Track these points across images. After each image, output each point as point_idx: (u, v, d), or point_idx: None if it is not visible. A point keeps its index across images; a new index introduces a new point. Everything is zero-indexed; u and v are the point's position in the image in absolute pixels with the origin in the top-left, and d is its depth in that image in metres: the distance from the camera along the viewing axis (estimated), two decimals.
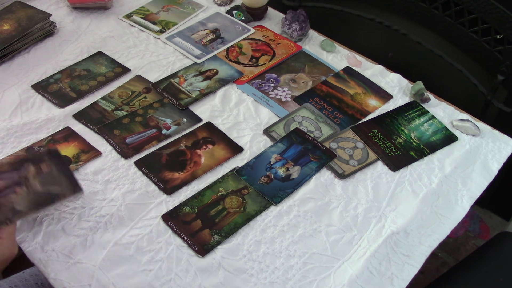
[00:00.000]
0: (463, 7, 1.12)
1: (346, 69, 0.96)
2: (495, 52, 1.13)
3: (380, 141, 0.83)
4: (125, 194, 0.72)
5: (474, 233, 1.48)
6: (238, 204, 0.72)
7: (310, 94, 0.90)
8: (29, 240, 0.66)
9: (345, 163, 0.79)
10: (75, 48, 0.96)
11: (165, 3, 1.09)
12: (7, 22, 0.96)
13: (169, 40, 1.00)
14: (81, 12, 1.05)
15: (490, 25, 1.10)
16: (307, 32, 1.03)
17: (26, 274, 0.79)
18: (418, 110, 0.89)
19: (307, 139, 0.82)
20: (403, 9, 1.24)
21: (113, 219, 0.69)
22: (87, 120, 0.82)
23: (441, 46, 1.23)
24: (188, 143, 0.80)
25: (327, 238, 0.69)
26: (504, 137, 0.86)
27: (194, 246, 0.66)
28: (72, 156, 0.76)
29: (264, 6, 1.06)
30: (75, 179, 0.65)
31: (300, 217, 0.71)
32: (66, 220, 0.68)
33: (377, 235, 0.70)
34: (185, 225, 0.68)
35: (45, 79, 0.89)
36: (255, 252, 0.67)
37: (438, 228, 0.72)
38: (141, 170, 0.75)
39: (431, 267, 1.38)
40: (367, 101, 0.90)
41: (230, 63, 0.96)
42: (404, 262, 0.68)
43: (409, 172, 0.79)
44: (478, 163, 0.81)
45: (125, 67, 0.93)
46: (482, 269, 0.84)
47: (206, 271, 0.64)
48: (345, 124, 0.86)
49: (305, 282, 0.64)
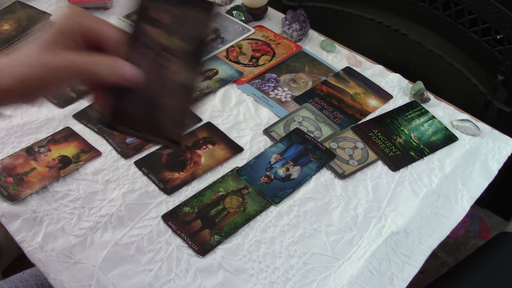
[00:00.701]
0: (463, 7, 1.12)
1: (346, 69, 0.96)
2: (495, 52, 1.13)
3: (380, 141, 0.83)
4: (125, 194, 0.72)
5: (474, 233, 1.48)
6: (238, 204, 0.72)
7: (310, 94, 0.90)
8: (29, 240, 0.66)
9: (345, 163, 0.79)
10: None
11: None
12: (7, 22, 0.96)
13: None
14: None
15: (490, 25, 1.10)
16: (307, 32, 1.03)
17: (26, 275, 0.79)
18: (418, 110, 0.89)
19: (307, 139, 0.82)
20: (403, 9, 1.24)
21: (113, 219, 0.69)
22: (87, 120, 0.82)
23: (441, 46, 1.23)
24: (188, 143, 0.80)
25: (327, 238, 0.69)
26: (504, 137, 0.86)
27: (194, 246, 0.66)
28: (72, 156, 0.76)
29: (264, 6, 1.06)
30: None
31: (300, 217, 0.71)
32: (66, 220, 0.68)
33: (377, 235, 0.70)
34: (185, 225, 0.68)
35: None
36: (255, 252, 0.67)
37: (438, 228, 0.72)
38: (141, 170, 0.75)
39: (431, 267, 1.38)
40: (367, 101, 0.90)
41: (230, 63, 0.96)
42: (404, 262, 0.68)
43: (409, 172, 0.79)
44: (478, 163, 0.81)
45: None
46: (482, 269, 0.84)
47: (206, 271, 0.64)
48: (345, 124, 0.86)
49: (305, 282, 0.64)
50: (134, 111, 0.45)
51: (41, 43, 0.43)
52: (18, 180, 0.72)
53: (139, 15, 0.47)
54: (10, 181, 0.72)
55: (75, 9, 0.45)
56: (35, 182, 0.72)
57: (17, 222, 0.68)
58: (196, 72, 0.46)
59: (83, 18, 0.45)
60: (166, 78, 0.46)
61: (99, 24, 0.45)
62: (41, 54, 0.43)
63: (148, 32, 0.46)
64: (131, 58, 0.45)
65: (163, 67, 0.46)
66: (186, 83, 0.46)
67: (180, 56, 0.46)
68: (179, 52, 0.46)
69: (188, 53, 0.46)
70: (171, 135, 0.46)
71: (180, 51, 0.46)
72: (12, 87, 0.42)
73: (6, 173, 0.73)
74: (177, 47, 0.46)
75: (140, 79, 0.45)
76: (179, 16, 0.47)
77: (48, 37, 0.43)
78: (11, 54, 0.43)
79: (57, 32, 0.44)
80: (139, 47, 0.46)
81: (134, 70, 0.45)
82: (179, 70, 0.46)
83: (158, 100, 0.46)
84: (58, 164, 0.75)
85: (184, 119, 0.46)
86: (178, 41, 0.46)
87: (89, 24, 0.45)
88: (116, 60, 0.45)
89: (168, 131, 0.46)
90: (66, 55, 0.44)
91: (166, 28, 0.46)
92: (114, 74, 0.44)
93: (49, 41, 0.43)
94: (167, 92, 0.46)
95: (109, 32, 0.45)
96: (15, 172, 0.73)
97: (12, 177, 0.72)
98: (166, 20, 0.46)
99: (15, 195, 0.70)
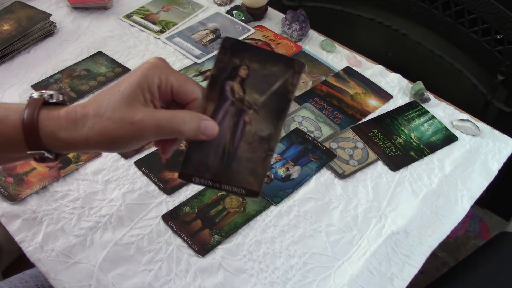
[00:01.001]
0: (463, 7, 1.12)
1: (346, 69, 0.96)
2: (495, 52, 1.13)
3: (380, 141, 0.83)
4: (125, 194, 0.72)
5: (474, 233, 1.48)
6: (238, 204, 0.72)
7: (310, 94, 0.90)
8: (29, 240, 0.66)
9: (345, 163, 0.79)
10: (75, 48, 0.96)
11: (165, 3, 1.09)
12: (7, 22, 0.96)
13: (169, 40, 1.00)
14: (81, 12, 1.05)
15: (490, 25, 1.10)
16: (307, 32, 1.03)
17: (26, 275, 0.79)
18: (418, 110, 0.89)
19: (307, 139, 0.82)
20: (403, 9, 1.24)
21: (113, 219, 0.69)
22: None
23: (441, 46, 1.23)
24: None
25: (327, 238, 0.69)
26: (504, 137, 0.86)
27: (194, 246, 0.66)
28: (72, 156, 0.76)
29: (264, 6, 1.06)
30: (284, 56, 0.49)
31: (300, 217, 0.71)
32: (66, 220, 0.68)
33: (377, 235, 0.70)
34: (185, 225, 0.68)
35: (45, 79, 0.89)
36: (255, 252, 0.67)
37: (438, 228, 0.72)
38: (141, 170, 0.75)
39: (431, 267, 1.38)
40: (367, 101, 0.90)
41: None
42: (404, 262, 0.68)
43: (409, 172, 0.79)
44: (478, 163, 0.81)
45: (125, 67, 0.93)
46: (482, 269, 0.84)
47: (206, 271, 0.64)
48: (345, 124, 0.86)
49: (305, 282, 0.64)
50: (212, 163, 0.46)
51: (122, 98, 0.43)
52: (18, 180, 0.72)
53: (221, 70, 0.47)
54: (10, 181, 0.72)
55: (156, 63, 0.44)
56: (35, 182, 0.72)
57: (17, 222, 0.68)
58: (278, 128, 0.47)
59: (164, 73, 0.44)
60: (246, 132, 0.47)
61: (180, 81, 0.45)
62: (122, 109, 0.42)
63: (231, 87, 0.47)
64: (212, 113, 0.46)
65: (244, 122, 0.47)
66: (266, 137, 0.47)
67: (261, 111, 0.47)
68: (261, 107, 0.47)
69: (271, 109, 0.47)
70: (248, 186, 0.47)
71: (262, 106, 0.47)
72: (96, 138, 0.42)
73: (6, 173, 0.73)
74: (259, 102, 0.47)
75: (219, 133, 0.46)
76: (265, 73, 0.47)
77: (129, 91, 0.43)
78: (97, 102, 0.43)
79: (137, 86, 0.43)
80: (221, 102, 0.47)
81: (215, 125, 0.45)
82: (259, 124, 0.47)
83: (236, 152, 0.47)
84: (58, 164, 0.75)
85: (262, 170, 0.47)
86: (261, 97, 0.47)
87: (171, 80, 0.44)
88: (196, 115, 0.44)
89: (245, 181, 0.47)
90: (147, 111, 0.43)
91: (250, 84, 0.47)
92: (194, 129, 0.44)
93: (130, 96, 0.43)
94: (246, 146, 0.47)
95: (190, 88, 0.45)
96: (15, 172, 0.73)
97: (12, 177, 0.72)
98: (249, 75, 0.47)
99: (15, 195, 0.70)
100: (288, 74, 0.47)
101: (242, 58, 0.47)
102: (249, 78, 0.47)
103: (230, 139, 0.47)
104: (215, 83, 0.47)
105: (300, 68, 0.47)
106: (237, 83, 0.47)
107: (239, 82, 0.47)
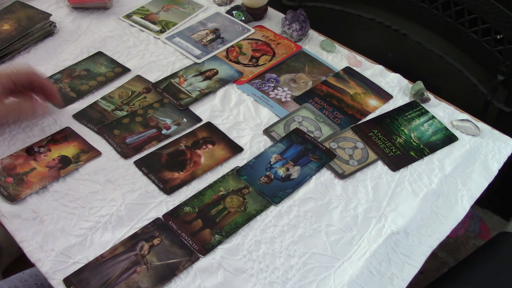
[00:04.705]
0: (463, 7, 1.12)
1: (346, 69, 0.96)
2: (495, 52, 1.13)
3: (380, 141, 0.83)
4: (125, 194, 0.72)
5: (474, 233, 1.48)
6: (238, 204, 0.72)
7: (310, 94, 0.90)
8: (29, 240, 0.66)
9: (345, 163, 0.79)
10: (75, 48, 0.96)
11: (165, 3, 1.09)
12: (7, 22, 0.96)
13: (169, 40, 1.00)
14: (81, 12, 1.05)
15: (490, 25, 1.10)
16: (307, 32, 1.03)
17: (25, 275, 0.79)
18: (418, 110, 0.89)
19: (307, 139, 0.82)
20: (403, 9, 1.24)
21: (113, 219, 0.69)
22: (87, 120, 0.82)
23: (441, 46, 1.23)
24: (188, 143, 0.80)
25: (327, 238, 0.69)
26: (504, 137, 0.86)
27: (194, 246, 0.66)
28: (72, 156, 0.76)
29: (264, 6, 1.06)
30: (188, 245, 0.66)
31: (300, 217, 0.71)
32: (65, 220, 0.68)
33: (377, 235, 0.70)
34: (186, 224, 0.68)
35: None
36: (255, 252, 0.67)
37: (438, 228, 0.72)
38: (141, 170, 0.75)
39: (431, 267, 1.38)
40: (367, 101, 0.90)
41: (230, 63, 0.96)
42: (404, 262, 0.68)
43: (409, 172, 0.79)
44: (478, 163, 0.81)
45: (125, 67, 0.93)
46: (482, 269, 0.84)
47: (206, 271, 0.64)
48: (345, 124, 0.86)
49: (305, 282, 0.64)
50: (94, 285, 0.61)
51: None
52: (18, 180, 0.72)
53: (144, 234, 0.68)
54: (10, 181, 0.72)
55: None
56: (35, 182, 0.72)
57: (17, 222, 0.68)
58: (157, 286, 0.62)
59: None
60: (131, 278, 0.62)
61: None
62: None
63: (142, 245, 0.66)
64: (120, 253, 0.65)
65: (135, 270, 0.63)
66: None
67: (151, 271, 0.63)
68: (153, 268, 0.63)
69: (159, 273, 0.62)
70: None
71: (154, 268, 0.63)
72: None
73: (6, 173, 0.73)
74: (154, 264, 0.64)
75: (112, 265, 0.63)
76: (170, 250, 0.65)
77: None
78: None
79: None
80: (130, 249, 0.65)
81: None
82: (144, 278, 0.62)
83: (114, 287, 0.61)
84: (58, 164, 0.75)
85: None
86: (157, 262, 0.64)
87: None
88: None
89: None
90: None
91: (156, 250, 0.65)
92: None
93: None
94: (124, 286, 0.61)
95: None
96: (15, 172, 0.73)
97: (12, 177, 0.72)
98: (159, 245, 0.66)
99: (15, 195, 0.70)
100: (184, 260, 0.64)
101: (161, 234, 0.66)
102: (157, 247, 0.65)
103: (117, 275, 0.61)
104: (135, 238, 0.66)
105: (195, 259, 0.64)
106: (148, 245, 0.65)
107: (149, 246, 0.65)
